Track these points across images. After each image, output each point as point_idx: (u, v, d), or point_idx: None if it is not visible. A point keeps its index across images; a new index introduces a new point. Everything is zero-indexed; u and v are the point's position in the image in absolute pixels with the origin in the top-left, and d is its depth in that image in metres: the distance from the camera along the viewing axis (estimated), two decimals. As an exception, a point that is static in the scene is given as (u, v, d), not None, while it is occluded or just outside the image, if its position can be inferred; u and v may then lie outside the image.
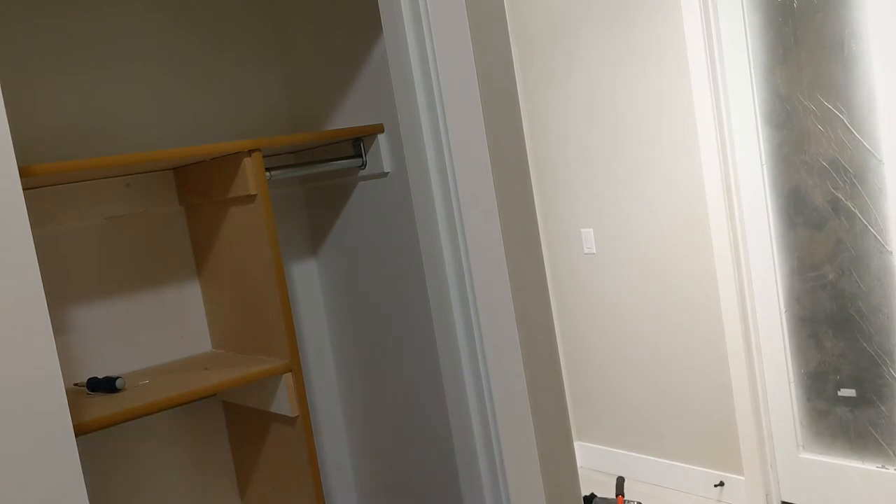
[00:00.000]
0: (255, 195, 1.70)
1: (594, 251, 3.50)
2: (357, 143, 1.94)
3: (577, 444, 3.80)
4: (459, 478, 1.71)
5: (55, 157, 1.82)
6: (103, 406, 1.59)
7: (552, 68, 3.48)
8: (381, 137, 1.89)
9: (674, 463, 3.40)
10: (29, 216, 1.71)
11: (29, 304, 1.23)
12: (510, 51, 1.65)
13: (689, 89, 3.02)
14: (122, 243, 1.91)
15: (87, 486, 1.84)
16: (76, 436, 1.47)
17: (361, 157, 1.94)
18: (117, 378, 1.70)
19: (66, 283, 1.83)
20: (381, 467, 2.17)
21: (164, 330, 1.96)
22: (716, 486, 3.24)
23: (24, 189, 1.70)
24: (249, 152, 1.69)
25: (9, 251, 1.22)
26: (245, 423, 1.97)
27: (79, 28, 1.86)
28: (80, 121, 1.86)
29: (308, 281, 2.21)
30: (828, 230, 2.79)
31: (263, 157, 1.99)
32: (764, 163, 2.91)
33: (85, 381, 1.82)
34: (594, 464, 3.75)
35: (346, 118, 2.01)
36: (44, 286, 1.78)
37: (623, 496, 2.89)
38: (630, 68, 3.20)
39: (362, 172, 1.96)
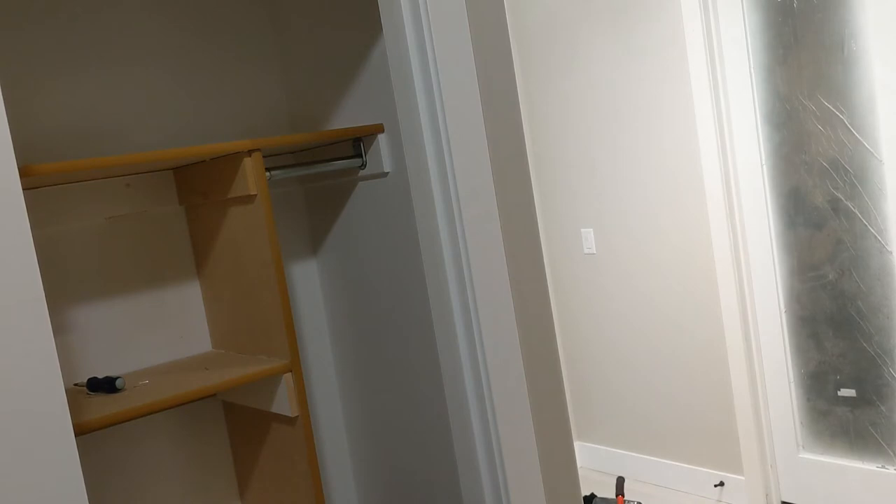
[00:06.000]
0: (255, 195, 1.70)
1: (594, 251, 3.50)
2: (357, 143, 1.94)
3: (577, 444, 3.80)
4: (459, 478, 1.71)
5: (55, 157, 1.82)
6: (103, 406, 1.59)
7: (552, 68, 3.48)
8: (381, 137, 1.89)
9: (674, 463, 3.40)
10: (29, 216, 1.71)
11: (29, 305, 1.23)
12: (510, 51, 1.65)
13: (689, 89, 3.02)
14: (122, 243, 1.91)
15: (87, 486, 1.84)
16: (76, 436, 1.47)
17: (361, 157, 1.94)
18: (117, 378, 1.70)
19: (66, 283, 1.83)
20: (381, 467, 2.17)
21: (164, 330, 1.96)
22: (716, 486, 3.24)
23: (24, 189, 1.70)
24: (249, 152, 1.69)
25: (9, 251, 1.22)
26: (245, 423, 1.97)
27: (79, 28, 1.86)
28: (80, 121, 1.86)
29: (308, 281, 2.21)
30: (828, 230, 2.79)
31: (263, 157, 1.99)
32: (764, 163, 2.91)
33: (85, 381, 1.82)
34: (594, 464, 3.75)
35: (346, 118, 2.01)
36: (44, 286, 1.78)
37: (623, 496, 2.89)
38: (630, 68, 3.20)
39: (362, 172, 1.96)
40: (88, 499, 1.47)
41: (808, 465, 2.99)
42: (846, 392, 2.85)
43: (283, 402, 1.75)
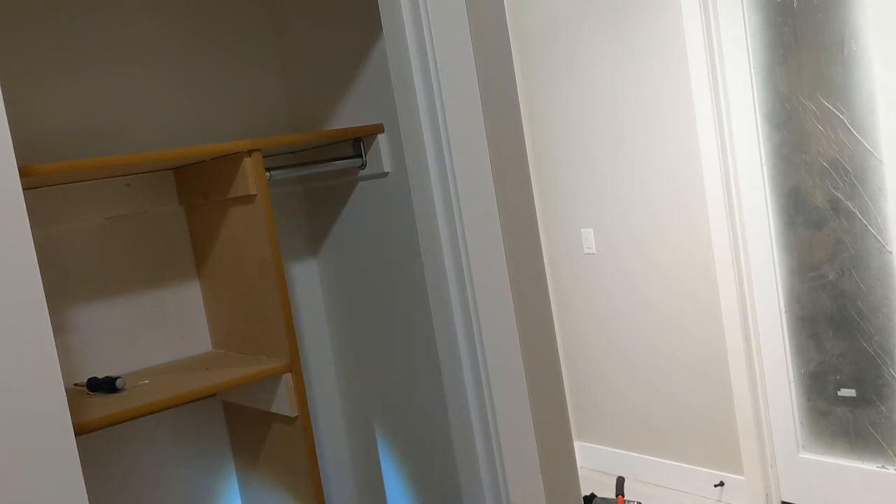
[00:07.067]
0: (255, 195, 1.70)
1: (594, 251, 3.50)
2: (357, 143, 1.94)
3: (577, 444, 3.80)
4: (459, 478, 1.71)
5: (55, 157, 1.82)
6: (103, 406, 1.59)
7: (552, 68, 3.48)
8: (381, 137, 1.89)
9: (674, 463, 3.40)
10: (29, 216, 1.71)
11: (29, 305, 1.23)
12: (510, 51, 1.65)
13: (689, 89, 3.02)
14: (122, 243, 1.91)
15: (87, 486, 1.84)
16: (76, 436, 1.47)
17: (361, 157, 1.94)
18: (117, 378, 1.70)
19: (66, 283, 1.83)
20: (380, 467, 2.17)
21: (164, 330, 1.96)
22: (716, 486, 3.24)
23: (24, 189, 1.70)
24: (249, 152, 1.69)
25: (9, 251, 1.22)
26: (245, 423, 1.97)
27: (79, 28, 1.86)
28: (80, 121, 1.86)
29: (308, 281, 2.21)
30: (828, 230, 2.79)
31: (263, 157, 1.99)
32: (764, 163, 2.91)
33: (85, 381, 1.82)
34: (594, 464, 3.75)
35: (346, 118, 2.01)
36: (44, 286, 1.78)
37: (623, 496, 2.89)
38: (630, 68, 3.20)
39: (362, 172, 1.96)
40: (88, 499, 1.47)
41: (808, 465, 2.99)
42: (846, 392, 2.84)
43: (283, 402, 1.75)
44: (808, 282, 2.87)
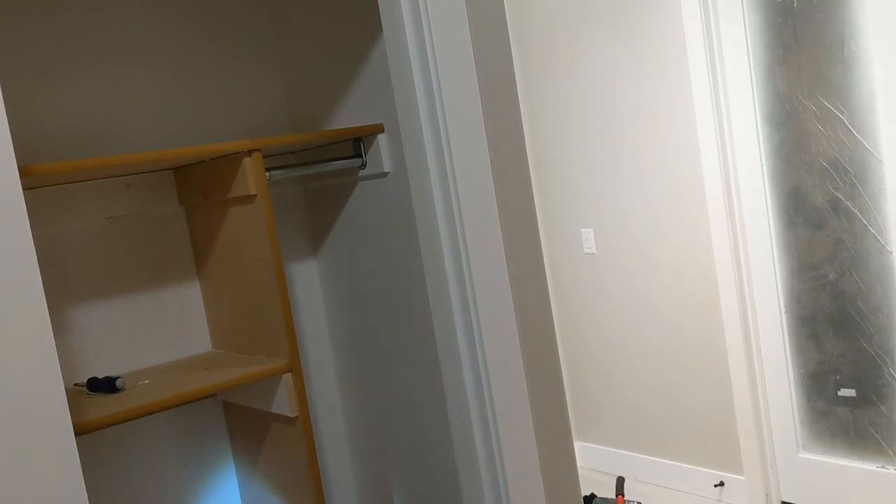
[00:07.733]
0: (255, 195, 1.70)
1: (594, 251, 3.50)
2: (357, 143, 1.94)
3: (577, 444, 3.80)
4: (459, 477, 1.71)
5: (55, 157, 1.82)
6: (103, 406, 1.59)
7: (552, 68, 3.48)
8: (381, 137, 1.89)
9: (674, 463, 3.40)
10: (29, 216, 1.71)
11: (29, 305, 1.23)
12: (510, 51, 1.65)
13: (689, 89, 3.02)
14: (122, 243, 1.91)
15: (87, 486, 1.84)
16: (76, 436, 1.47)
17: (361, 157, 1.94)
18: (117, 378, 1.70)
19: (66, 283, 1.83)
20: (381, 467, 2.17)
21: (164, 330, 1.96)
22: (716, 486, 3.24)
23: (24, 189, 1.70)
24: (249, 152, 1.69)
25: (9, 251, 1.22)
26: (245, 423, 1.97)
27: (79, 28, 1.86)
28: (80, 121, 1.86)
29: (308, 281, 2.21)
30: (828, 230, 2.79)
31: (263, 157, 1.99)
32: (764, 163, 2.91)
33: (85, 381, 1.82)
34: (594, 464, 3.75)
35: (346, 118, 2.01)
36: (44, 286, 1.78)
37: (623, 496, 2.89)
38: (630, 68, 3.20)
39: (362, 172, 1.96)
40: (88, 499, 1.47)
41: (808, 465, 2.99)
42: (846, 392, 2.84)
43: (283, 402, 1.75)
44: (808, 282, 2.87)
